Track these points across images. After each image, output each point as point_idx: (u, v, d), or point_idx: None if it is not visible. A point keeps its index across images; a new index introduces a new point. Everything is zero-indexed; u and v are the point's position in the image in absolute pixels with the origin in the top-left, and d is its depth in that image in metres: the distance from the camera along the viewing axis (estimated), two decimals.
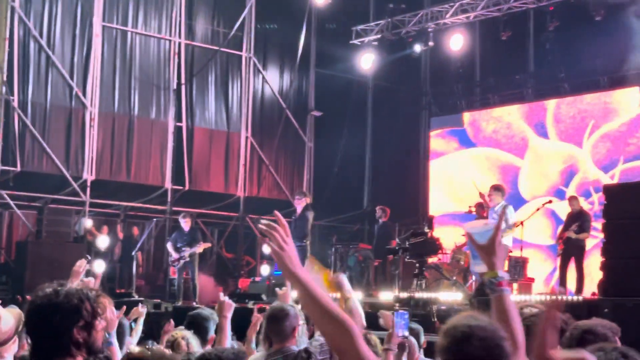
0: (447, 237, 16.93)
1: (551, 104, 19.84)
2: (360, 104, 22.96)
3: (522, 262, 15.66)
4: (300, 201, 14.95)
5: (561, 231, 14.59)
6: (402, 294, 13.79)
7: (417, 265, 14.29)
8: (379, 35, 20.69)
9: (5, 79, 17.45)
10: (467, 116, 21.43)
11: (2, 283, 16.89)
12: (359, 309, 5.01)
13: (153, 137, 19.63)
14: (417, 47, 19.88)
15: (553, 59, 19.49)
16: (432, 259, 15.41)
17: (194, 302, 15.30)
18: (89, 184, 18.45)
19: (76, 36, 18.52)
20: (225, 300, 5.91)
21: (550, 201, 16.08)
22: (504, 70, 20.79)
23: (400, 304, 12.76)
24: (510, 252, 13.61)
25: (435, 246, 14.82)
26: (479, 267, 3.10)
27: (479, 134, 21.03)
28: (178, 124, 19.97)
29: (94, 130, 18.61)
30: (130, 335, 7.93)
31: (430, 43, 19.81)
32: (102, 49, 18.85)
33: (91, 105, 18.60)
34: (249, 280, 18.65)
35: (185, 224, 16.14)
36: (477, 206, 15.17)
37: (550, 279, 18.20)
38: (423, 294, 13.30)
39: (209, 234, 21.02)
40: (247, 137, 21.07)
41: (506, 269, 13.66)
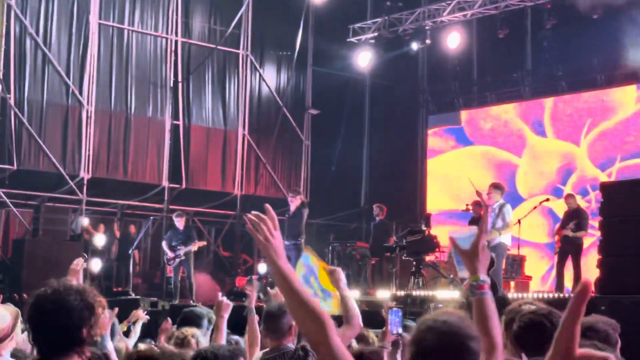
0: (444, 235, 16.92)
1: (548, 102, 19.85)
2: (357, 102, 22.94)
3: (520, 260, 15.68)
4: (294, 199, 14.85)
5: (558, 229, 14.59)
6: (400, 292, 13.80)
7: (415, 263, 14.32)
8: (376, 33, 20.68)
9: (1, 77, 17.43)
10: (464, 114, 21.44)
11: None
12: (356, 309, 4.99)
13: (150, 135, 19.60)
14: (415, 45, 19.88)
15: (550, 57, 19.51)
16: (429, 257, 15.41)
17: (191, 301, 15.29)
18: (85, 182, 18.42)
19: (73, 34, 18.49)
20: (223, 300, 5.91)
21: (547, 199, 16.11)
22: (501, 69, 20.78)
23: (397, 302, 12.75)
24: (509, 250, 13.61)
25: (432, 244, 14.83)
26: (463, 272, 3.12)
27: (476, 132, 21.04)
28: (175, 122, 19.95)
29: (90, 128, 18.58)
30: (128, 337, 7.97)
31: (428, 41, 19.81)
32: (98, 46, 18.84)
33: (88, 103, 18.57)
34: (245, 278, 18.64)
35: (180, 222, 16.09)
36: (474, 204, 15.16)
37: (547, 277, 18.22)
38: (420, 292, 13.32)
39: (206, 232, 21.02)
40: (244, 135, 21.05)
41: (504, 267, 13.66)
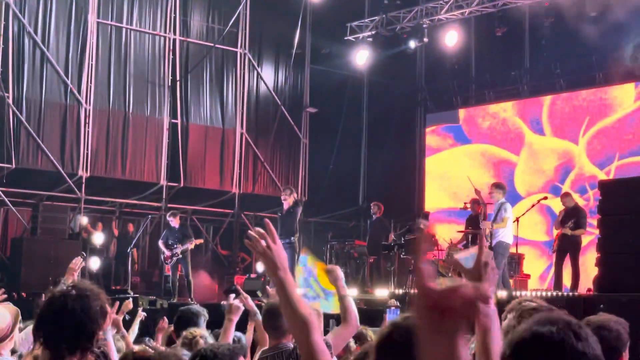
0: (442, 234, 16.94)
1: (547, 100, 19.86)
2: (355, 100, 22.93)
3: (518, 259, 15.67)
4: (287, 197, 14.76)
5: (558, 223, 14.44)
6: (398, 290, 13.80)
7: (413, 261, 14.31)
8: (373, 32, 20.67)
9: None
10: (462, 112, 21.44)
11: None
12: (353, 308, 5.02)
13: (148, 134, 19.60)
14: (412, 43, 19.87)
15: (548, 55, 19.52)
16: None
17: (189, 299, 15.29)
18: (84, 181, 18.43)
19: (71, 33, 18.49)
20: (234, 303, 5.80)
21: (545, 197, 16.09)
22: (499, 67, 20.78)
23: (395, 301, 12.75)
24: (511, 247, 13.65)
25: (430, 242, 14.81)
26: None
27: (474, 130, 21.04)
28: (173, 120, 19.95)
29: (89, 127, 18.58)
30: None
31: (425, 39, 19.79)
32: (97, 45, 18.84)
33: (86, 102, 18.56)
34: (244, 277, 18.64)
35: (174, 222, 16.09)
36: (472, 202, 15.17)
37: (546, 276, 18.22)
38: None
39: (204, 230, 21.03)
40: (242, 134, 21.04)
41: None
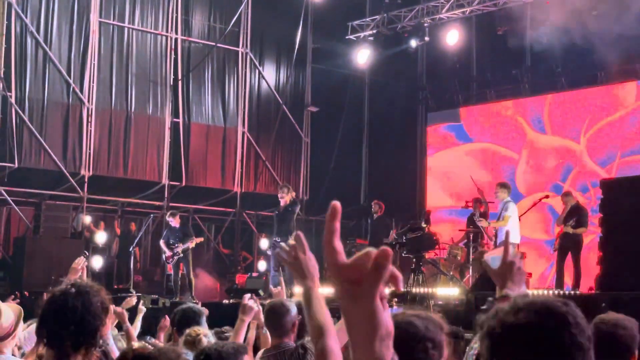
0: (444, 232, 16.96)
1: (548, 98, 19.85)
2: (356, 99, 22.94)
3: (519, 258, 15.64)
4: (284, 196, 14.65)
5: (559, 221, 14.43)
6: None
7: (414, 260, 14.33)
8: (375, 31, 20.69)
9: (2, 75, 17.45)
10: (463, 111, 21.44)
11: (0, 279, 16.92)
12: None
13: (150, 133, 19.62)
14: (413, 42, 19.89)
15: (550, 53, 19.48)
16: (429, 254, 15.42)
17: (190, 297, 15.29)
18: (86, 180, 18.46)
19: (73, 32, 18.52)
20: (248, 303, 5.56)
21: (547, 196, 16.08)
22: (500, 65, 20.77)
23: (397, 299, 12.78)
24: (518, 247, 13.63)
25: (432, 241, 14.84)
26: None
27: (475, 129, 21.04)
28: (175, 119, 19.97)
29: (91, 126, 18.61)
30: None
31: (426, 38, 19.81)
32: (99, 45, 18.86)
33: (88, 101, 18.59)
34: (246, 275, 18.67)
35: (174, 221, 16.09)
36: (473, 201, 15.19)
37: (547, 274, 18.23)
38: (420, 289, 13.34)
39: (206, 229, 21.05)
40: (243, 133, 21.06)
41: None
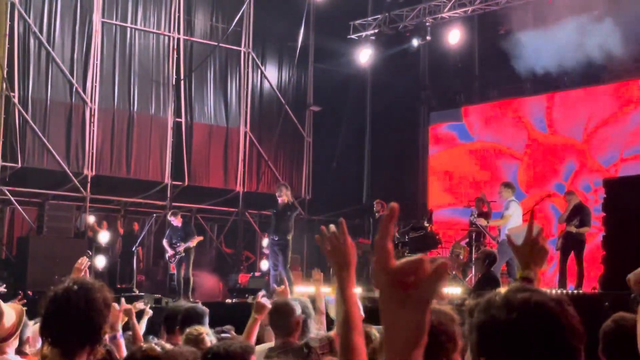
0: (446, 232, 16.97)
1: (550, 97, 19.83)
2: (358, 98, 22.94)
3: None
4: (281, 195, 14.61)
5: (561, 219, 14.40)
6: None
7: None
8: (376, 30, 20.69)
9: (5, 75, 17.48)
10: (466, 110, 21.42)
11: (3, 279, 16.93)
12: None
13: (152, 133, 19.66)
14: (415, 42, 19.88)
15: (552, 52, 19.46)
16: (431, 253, 15.43)
17: (188, 298, 15.25)
18: (89, 180, 18.49)
19: (76, 32, 18.55)
20: (261, 301, 5.57)
21: (549, 195, 16.09)
22: (502, 65, 20.73)
23: None
24: None
25: (434, 240, 14.86)
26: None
27: (478, 128, 21.03)
28: (177, 119, 20.00)
29: (94, 126, 18.65)
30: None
31: (428, 37, 19.80)
32: (101, 45, 18.90)
33: (91, 101, 18.63)
34: (248, 275, 18.69)
35: (176, 221, 16.09)
36: (475, 200, 15.20)
37: (550, 274, 18.21)
38: None
39: (208, 229, 21.07)
40: (246, 133, 21.09)
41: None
